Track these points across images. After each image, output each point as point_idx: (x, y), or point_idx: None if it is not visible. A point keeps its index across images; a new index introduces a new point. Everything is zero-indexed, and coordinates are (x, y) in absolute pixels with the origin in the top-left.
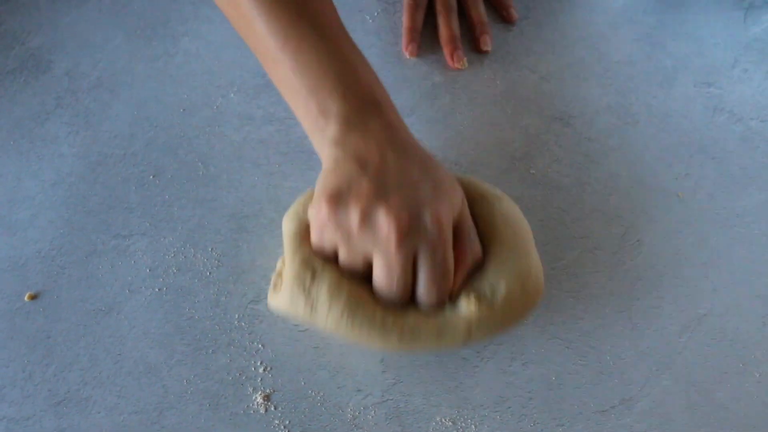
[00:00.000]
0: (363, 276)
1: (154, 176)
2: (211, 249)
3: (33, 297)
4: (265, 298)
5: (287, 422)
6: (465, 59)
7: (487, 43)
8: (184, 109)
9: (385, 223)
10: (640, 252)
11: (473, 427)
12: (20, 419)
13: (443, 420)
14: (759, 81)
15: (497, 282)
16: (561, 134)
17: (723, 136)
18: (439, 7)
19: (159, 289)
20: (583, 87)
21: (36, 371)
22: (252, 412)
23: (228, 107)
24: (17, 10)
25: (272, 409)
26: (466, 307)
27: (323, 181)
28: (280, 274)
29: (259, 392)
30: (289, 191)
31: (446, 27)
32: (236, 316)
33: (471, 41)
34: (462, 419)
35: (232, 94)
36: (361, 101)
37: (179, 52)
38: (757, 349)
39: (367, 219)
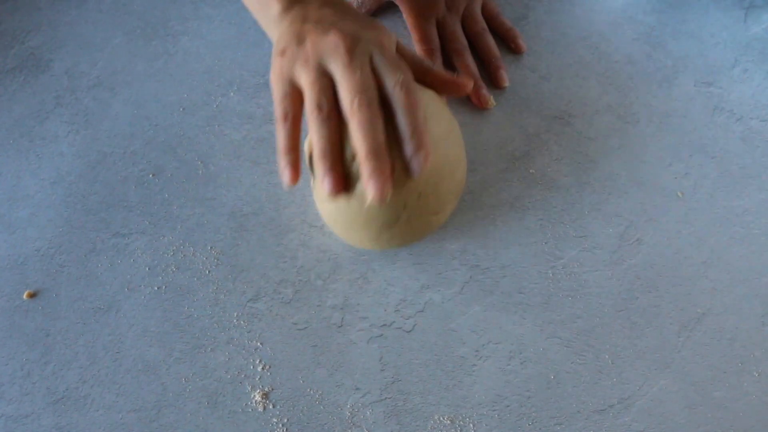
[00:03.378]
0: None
1: (153, 175)
2: (211, 247)
3: (32, 295)
4: (264, 297)
5: (285, 420)
6: (491, 98)
7: (505, 79)
8: (183, 108)
9: (333, 38)
10: (639, 251)
11: (471, 425)
12: (19, 417)
13: (441, 418)
14: (759, 81)
15: None
16: (561, 133)
17: (723, 135)
18: (452, 47)
19: (158, 288)
20: (583, 86)
21: (35, 369)
22: (250, 410)
23: (227, 106)
24: (17, 9)
25: (270, 407)
26: None
27: (274, 47)
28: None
29: (258, 390)
30: (289, 190)
31: (464, 68)
32: (235, 314)
33: (486, 77)
34: (460, 418)
35: (231, 93)
36: None
37: (179, 51)
38: (755, 348)
39: (318, 41)
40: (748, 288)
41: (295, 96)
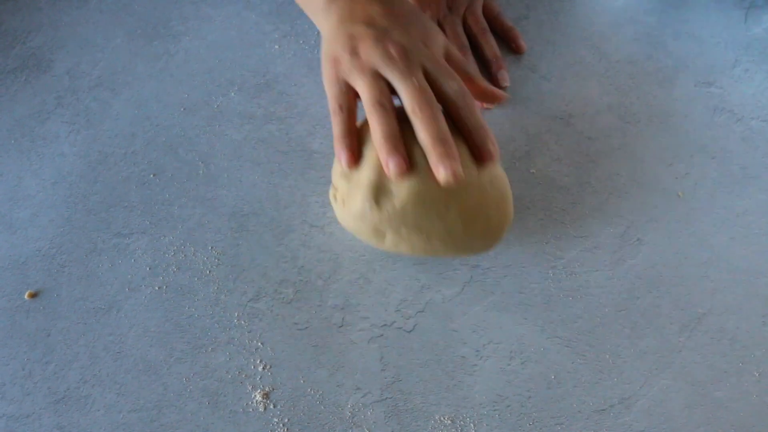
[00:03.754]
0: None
1: (154, 175)
2: (211, 247)
3: (33, 295)
4: (265, 297)
5: (286, 420)
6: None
7: (506, 79)
8: (184, 108)
9: (387, 49)
10: (640, 251)
11: (472, 425)
12: (20, 417)
13: (442, 418)
14: (760, 81)
15: None
16: (561, 133)
17: (723, 135)
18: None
19: (159, 288)
20: (584, 86)
21: (36, 369)
22: (251, 410)
23: (228, 106)
24: (18, 9)
25: (271, 407)
26: None
27: (325, 48)
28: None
29: (259, 390)
30: (289, 190)
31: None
32: (236, 314)
33: (487, 77)
34: (461, 418)
35: (232, 93)
36: None
37: (180, 51)
38: (756, 348)
39: (372, 53)
40: (749, 288)
41: (350, 93)
